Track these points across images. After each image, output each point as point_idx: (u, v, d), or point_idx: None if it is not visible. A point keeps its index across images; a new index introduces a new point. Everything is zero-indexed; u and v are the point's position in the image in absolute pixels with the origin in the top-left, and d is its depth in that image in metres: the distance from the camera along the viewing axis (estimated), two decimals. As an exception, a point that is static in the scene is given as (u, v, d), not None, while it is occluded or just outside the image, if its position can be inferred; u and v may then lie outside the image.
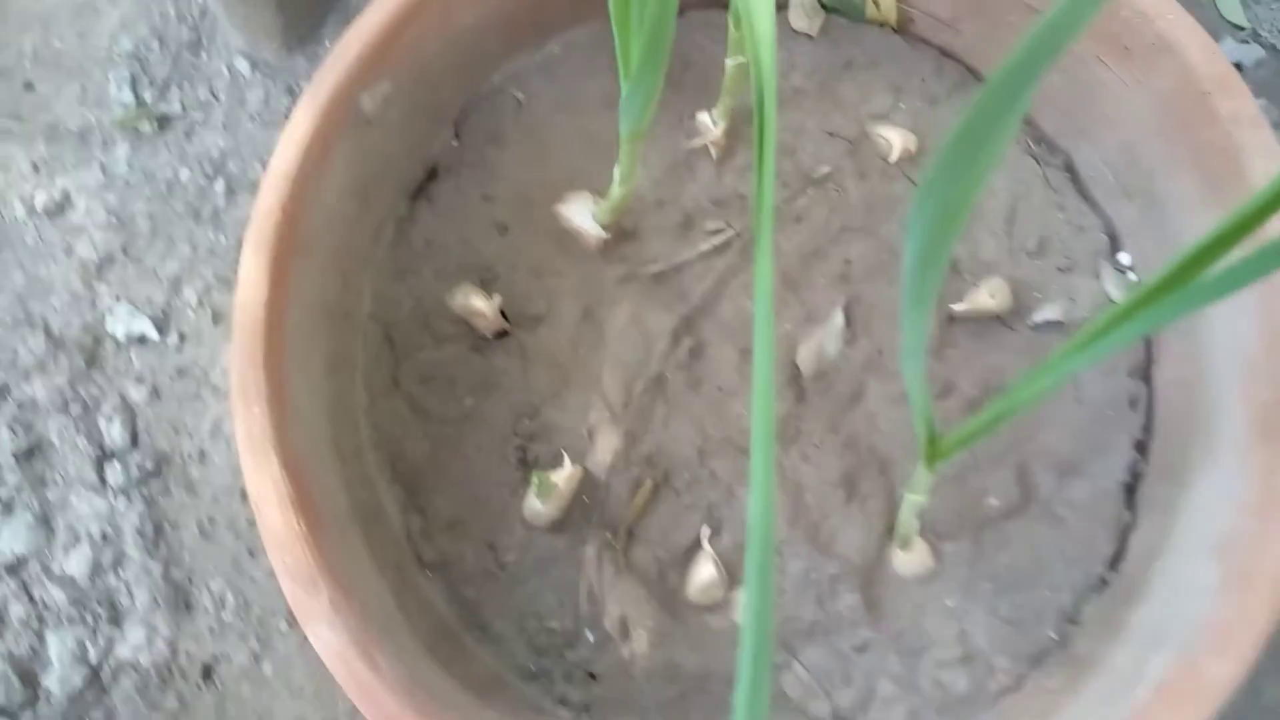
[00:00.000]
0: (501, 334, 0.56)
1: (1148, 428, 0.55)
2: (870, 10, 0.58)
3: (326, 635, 0.44)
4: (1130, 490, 0.55)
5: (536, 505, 0.53)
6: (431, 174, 0.58)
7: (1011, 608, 0.53)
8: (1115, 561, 0.54)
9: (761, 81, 0.37)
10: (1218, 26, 0.88)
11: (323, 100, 0.49)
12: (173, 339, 0.80)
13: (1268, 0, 0.86)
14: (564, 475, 0.52)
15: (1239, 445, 0.49)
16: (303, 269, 0.50)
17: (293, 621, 0.72)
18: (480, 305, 0.54)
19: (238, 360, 0.47)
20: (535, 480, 0.49)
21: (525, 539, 0.54)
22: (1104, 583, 0.53)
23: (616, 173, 0.49)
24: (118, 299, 0.81)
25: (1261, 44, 0.85)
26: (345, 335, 0.54)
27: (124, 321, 0.80)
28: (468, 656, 0.52)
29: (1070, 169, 0.59)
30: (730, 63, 0.51)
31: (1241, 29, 0.86)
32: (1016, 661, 0.52)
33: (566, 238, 0.57)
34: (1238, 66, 0.85)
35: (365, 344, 0.55)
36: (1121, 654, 0.48)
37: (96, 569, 0.74)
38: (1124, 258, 0.57)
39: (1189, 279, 0.27)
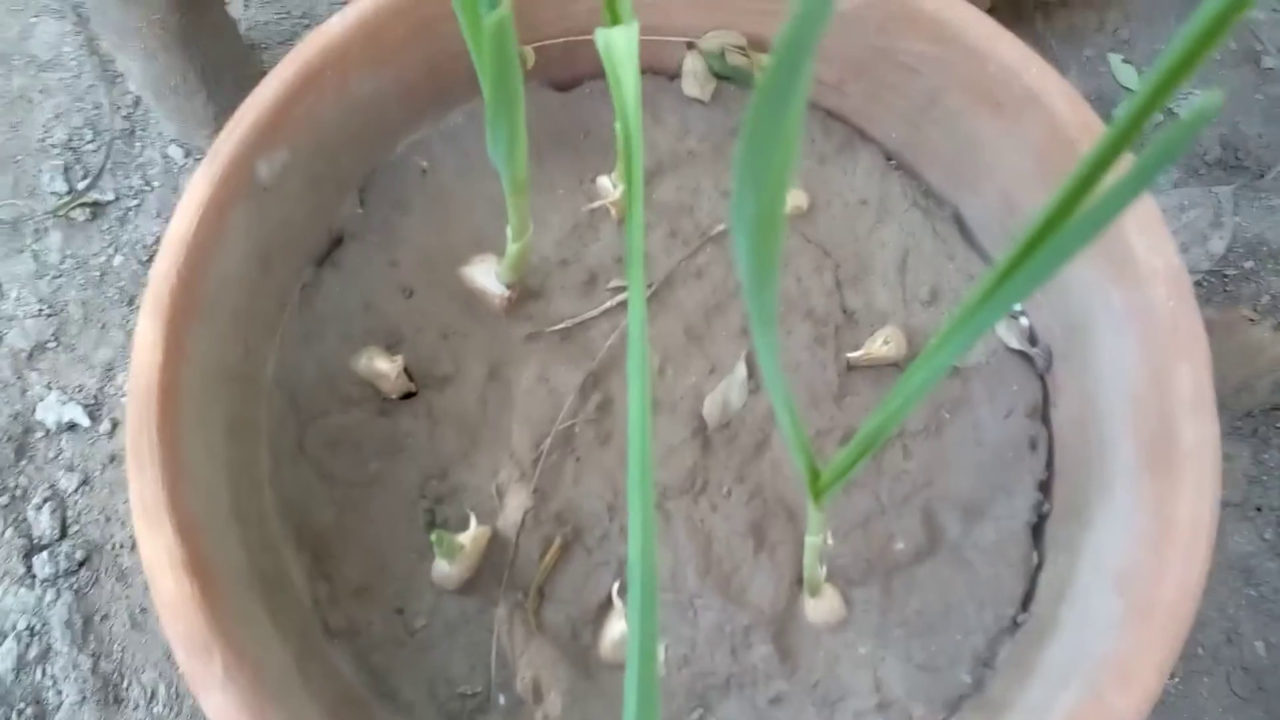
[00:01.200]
0: (408, 396, 0.56)
1: (1049, 467, 0.56)
2: (759, 77, 0.61)
3: (219, 701, 0.43)
4: (1036, 530, 0.55)
5: (445, 568, 0.52)
6: (337, 241, 0.59)
7: (925, 653, 0.53)
8: (1025, 602, 0.54)
9: (628, 126, 0.38)
10: (1114, 91, 0.92)
11: (218, 167, 0.50)
12: (104, 426, 0.80)
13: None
14: (470, 535, 0.52)
15: (1132, 479, 0.50)
16: (201, 333, 0.50)
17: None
18: (384, 367, 0.54)
19: (132, 425, 0.47)
20: (436, 539, 0.48)
21: (434, 603, 0.53)
22: (1015, 624, 0.54)
23: (509, 230, 0.50)
24: (49, 387, 0.80)
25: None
26: (248, 400, 0.54)
27: (54, 409, 0.79)
28: (374, 725, 0.51)
29: (958, 219, 0.61)
30: (619, 126, 0.53)
31: (1133, 91, 0.91)
32: (933, 708, 0.52)
33: (472, 299, 0.57)
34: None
35: (269, 409, 0.55)
36: (1034, 693, 0.48)
37: (22, 665, 0.72)
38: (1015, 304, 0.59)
39: (1035, 251, 0.29)
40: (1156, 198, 0.52)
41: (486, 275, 0.57)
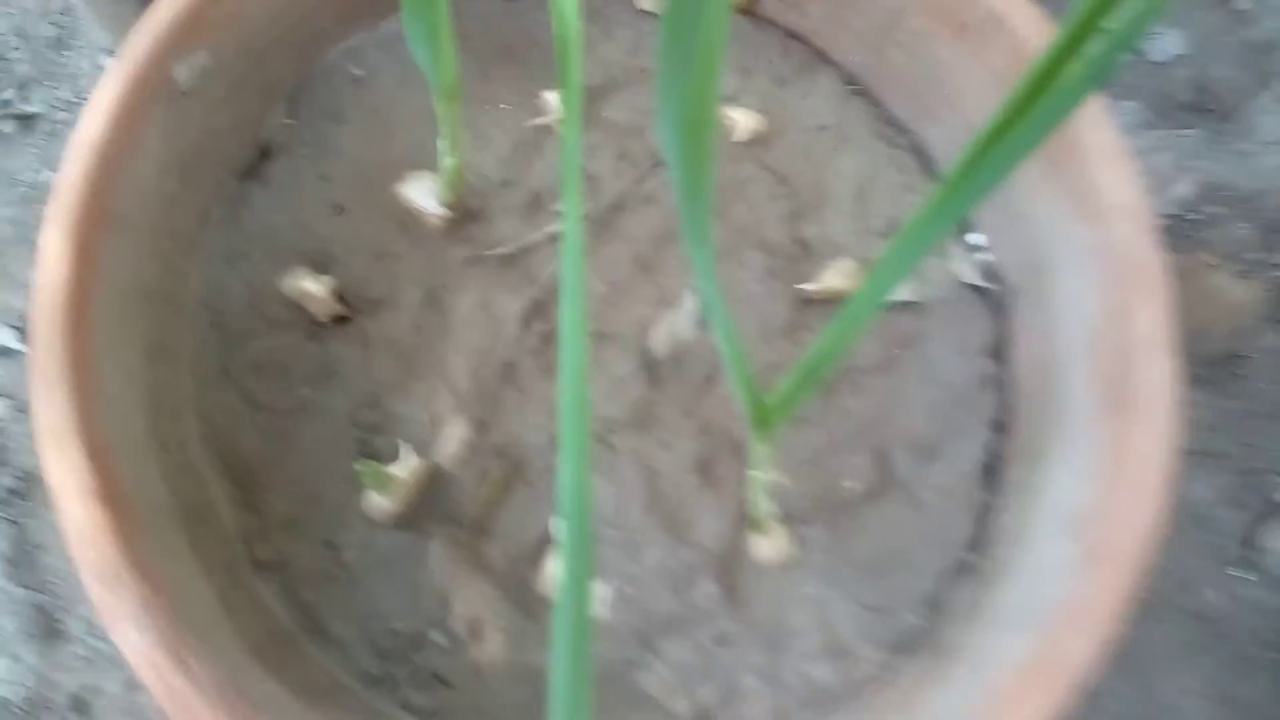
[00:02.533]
0: (339, 320, 0.53)
1: (1005, 407, 0.55)
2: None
3: (133, 637, 0.40)
4: (990, 471, 0.54)
5: (378, 500, 0.50)
6: (264, 153, 0.55)
7: (874, 594, 0.52)
8: (977, 544, 0.53)
9: (566, 31, 0.35)
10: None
11: (131, 67, 0.46)
12: (39, 349, 0.76)
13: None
14: (404, 467, 0.50)
15: (1088, 420, 0.48)
16: (114, 248, 0.47)
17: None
18: (313, 288, 0.51)
19: (37, 344, 0.43)
20: (361, 470, 0.45)
21: (367, 536, 0.51)
22: (966, 566, 0.52)
23: (442, 143, 0.47)
24: (-23, 308, 0.76)
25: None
26: (168, 321, 0.51)
27: (-16, 333, 0.75)
28: (304, 661, 0.48)
29: (919, 150, 0.59)
30: (555, 32, 0.50)
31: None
32: (881, 650, 0.51)
33: (408, 219, 0.54)
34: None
35: (192, 331, 0.52)
36: (985, 638, 0.47)
37: (-44, 597, 0.69)
38: (974, 238, 0.57)
39: (984, 158, 0.27)
40: (1124, 141, 0.50)
41: (423, 194, 0.53)
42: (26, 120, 0.82)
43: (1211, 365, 0.79)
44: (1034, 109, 0.28)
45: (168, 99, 0.48)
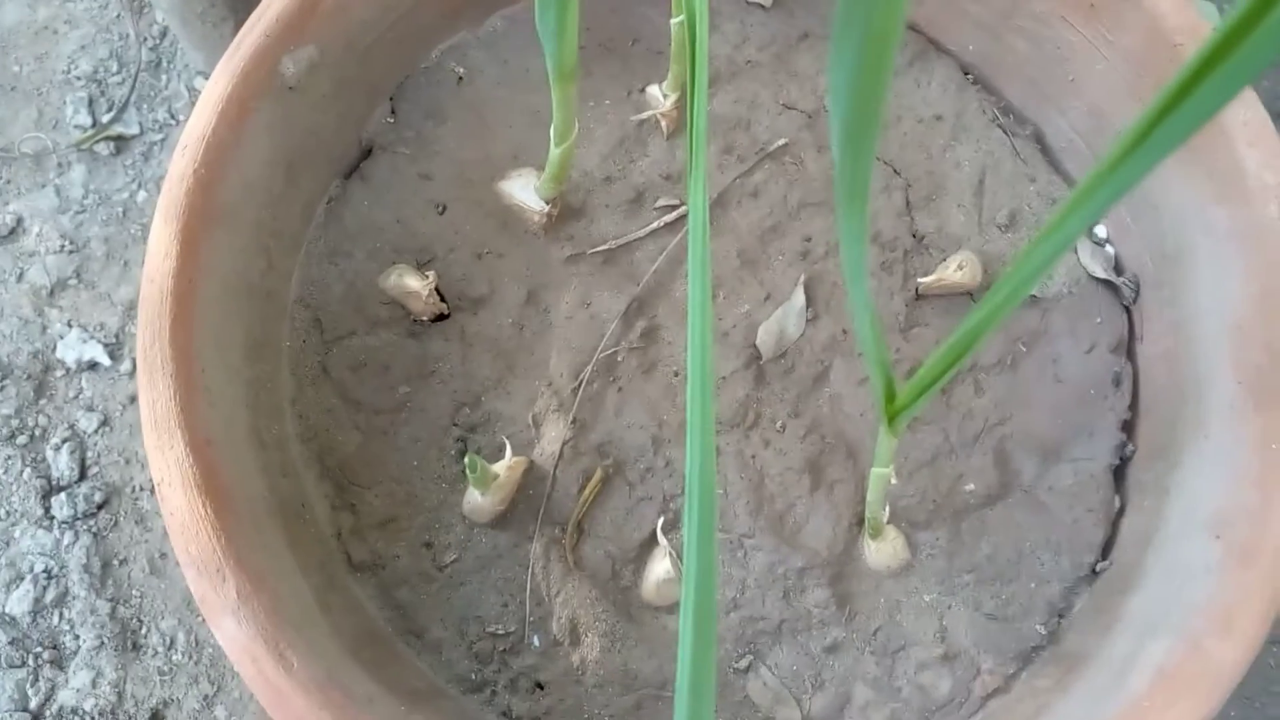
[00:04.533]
0: (439, 318, 0.52)
1: (1134, 406, 0.52)
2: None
3: (232, 629, 0.40)
4: (1118, 473, 0.51)
5: (477, 499, 0.49)
6: (367, 152, 0.55)
7: (995, 602, 0.49)
8: (1106, 549, 0.50)
9: (693, 13, 0.34)
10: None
11: (240, 61, 0.46)
12: (125, 366, 0.77)
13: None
14: (505, 465, 0.48)
15: (1232, 415, 0.45)
16: (219, 242, 0.46)
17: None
18: (414, 285, 0.50)
19: (144, 334, 0.43)
20: (469, 465, 0.44)
21: (465, 537, 0.49)
22: (1094, 572, 0.49)
23: (552, 131, 0.46)
24: (69, 325, 0.78)
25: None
26: (269, 317, 0.50)
27: (75, 348, 0.77)
28: (400, 663, 0.47)
29: (1039, 139, 0.56)
30: (673, 22, 0.49)
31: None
32: (1003, 660, 0.48)
33: (509, 216, 0.53)
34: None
35: (292, 328, 0.51)
36: (1116, 646, 0.44)
37: (39, 608, 0.70)
38: (1100, 230, 0.54)
39: (1128, 156, 0.24)
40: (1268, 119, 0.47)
41: (525, 190, 0.53)
42: (122, 142, 0.84)
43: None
44: (1185, 103, 0.26)
45: (275, 94, 0.48)
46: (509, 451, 0.49)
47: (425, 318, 0.52)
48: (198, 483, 0.42)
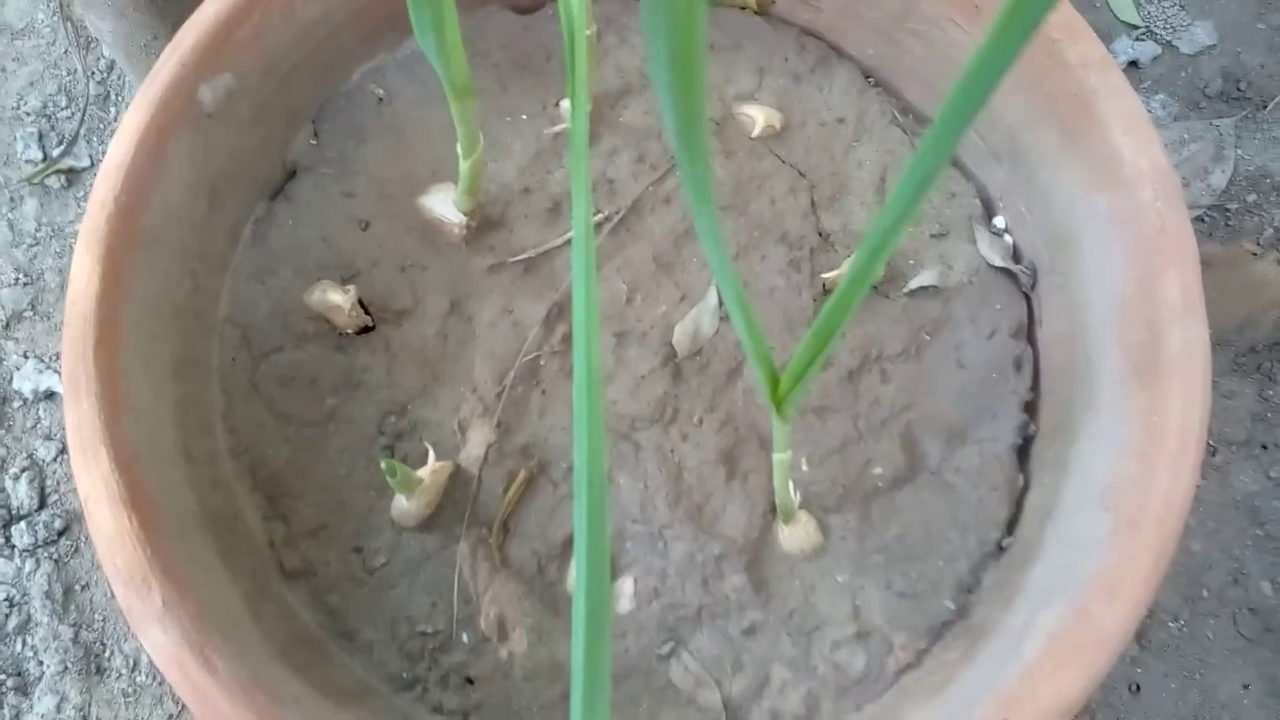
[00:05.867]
0: (365, 330, 0.54)
1: (1034, 387, 0.54)
2: (729, -5, 0.58)
3: (158, 637, 0.41)
4: (1022, 452, 0.53)
5: (404, 504, 0.50)
6: (290, 173, 0.57)
7: (906, 580, 0.50)
8: (1011, 525, 0.52)
9: (574, 36, 0.36)
10: (1113, 26, 0.89)
11: (157, 90, 0.48)
12: (82, 395, 0.78)
13: (1159, -1, 0.88)
14: (429, 469, 0.50)
15: (1119, 391, 0.47)
16: (142, 265, 0.48)
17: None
18: (338, 299, 0.52)
19: (67, 355, 0.45)
20: (388, 470, 0.46)
21: (394, 541, 0.51)
22: (1000, 547, 0.51)
23: (459, 146, 0.48)
24: (25, 355, 0.79)
25: (1156, 40, 0.87)
26: (197, 337, 0.52)
27: (31, 378, 0.78)
28: (332, 664, 0.49)
29: (938, 136, 0.59)
30: (564, 34, 0.51)
31: (1136, 27, 0.88)
32: (914, 635, 0.50)
33: (431, 230, 0.55)
34: (1134, 64, 0.86)
35: (221, 347, 0.53)
36: (1016, 616, 0.46)
37: (2, 636, 0.71)
38: (998, 221, 0.56)
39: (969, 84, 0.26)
40: (1155, 130, 0.49)
41: (445, 204, 0.54)
42: (73, 174, 0.86)
43: (1257, 354, 0.76)
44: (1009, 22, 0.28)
45: (194, 121, 0.50)
46: (432, 456, 0.50)
47: (350, 331, 0.54)
48: (123, 498, 0.43)
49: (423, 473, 0.50)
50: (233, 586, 0.47)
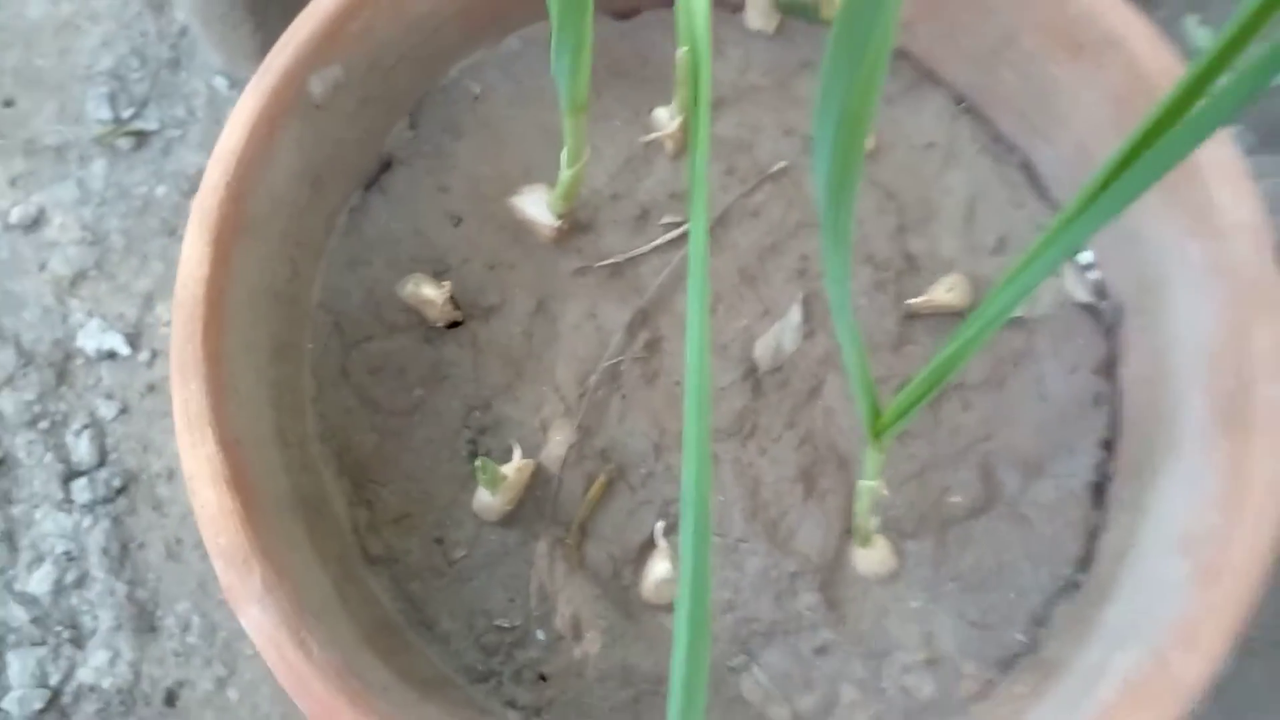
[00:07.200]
0: (453, 325, 0.55)
1: (1114, 426, 0.54)
2: (825, 11, 0.59)
3: (258, 616, 0.42)
4: (1098, 489, 0.53)
5: (486, 499, 0.51)
6: (386, 165, 0.57)
7: (978, 610, 0.51)
8: (1085, 562, 0.52)
9: (696, 41, 0.36)
10: (1192, 55, 0.89)
11: (270, 81, 0.49)
12: (144, 355, 0.79)
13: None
14: (514, 466, 0.51)
15: (1203, 439, 0.48)
16: (248, 250, 0.49)
17: (260, 648, 0.70)
18: (430, 293, 0.53)
19: (177, 337, 0.46)
20: (480, 466, 0.47)
21: (474, 534, 0.52)
22: (1074, 585, 0.52)
23: (564, 154, 0.48)
24: (90, 315, 0.80)
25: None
26: (293, 322, 0.53)
27: (95, 337, 0.79)
28: (411, 652, 0.50)
29: (1028, 168, 0.59)
30: (680, 51, 0.51)
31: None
32: (984, 666, 0.50)
33: (521, 230, 0.56)
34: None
35: (314, 332, 0.54)
36: (1091, 655, 0.47)
37: (60, 588, 0.72)
38: (1085, 256, 0.57)
39: (1106, 189, 0.27)
40: (1252, 182, 0.49)
41: (537, 205, 0.55)
42: (142, 137, 0.86)
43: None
44: (1160, 142, 0.28)
45: (303, 111, 0.51)
46: (517, 454, 0.51)
47: (440, 324, 0.55)
48: (227, 478, 0.44)
49: (507, 469, 0.51)
50: (322, 569, 0.48)
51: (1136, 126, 0.29)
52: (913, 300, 0.55)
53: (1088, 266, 0.57)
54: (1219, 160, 0.48)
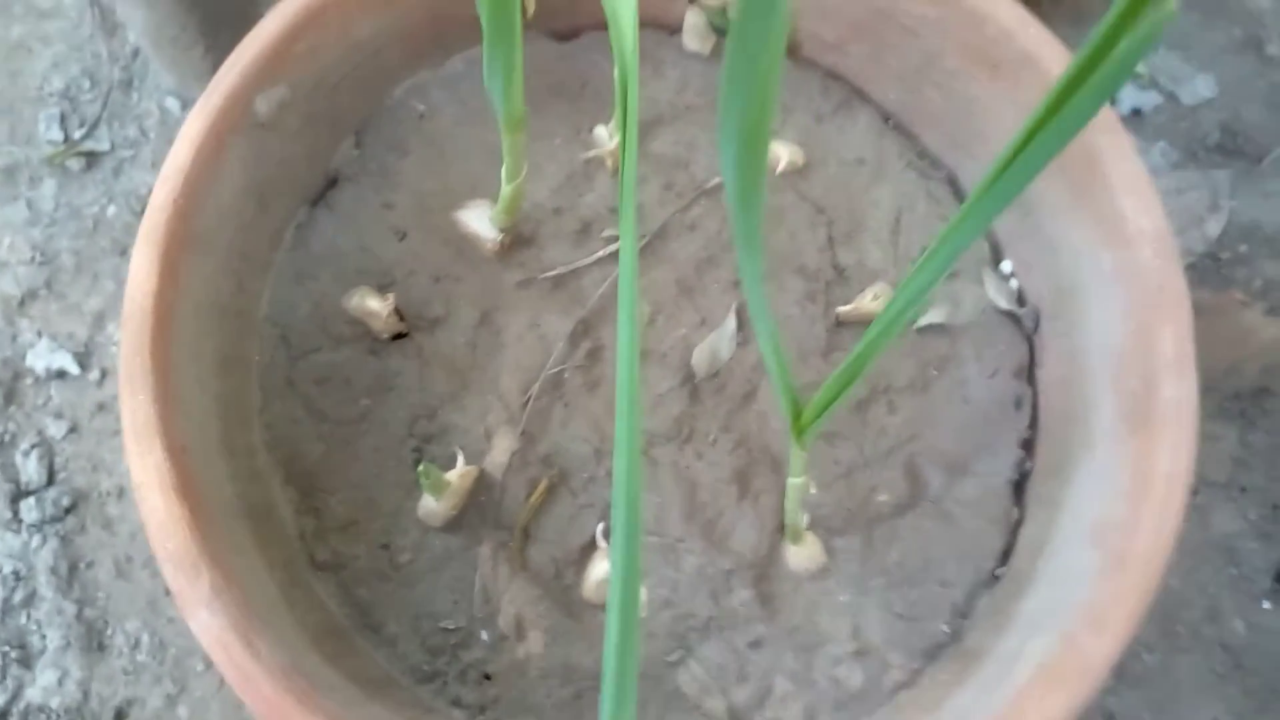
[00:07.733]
0: (399, 336, 0.56)
1: (1033, 426, 0.57)
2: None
3: (206, 619, 0.44)
4: (1018, 487, 0.56)
5: (431, 505, 0.53)
6: (333, 182, 0.59)
7: (904, 603, 0.53)
8: (1005, 556, 0.55)
9: (625, 61, 0.38)
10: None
11: (217, 101, 0.50)
12: (94, 374, 0.80)
13: (1163, 49, 0.91)
14: (457, 473, 0.52)
15: (1113, 437, 0.50)
16: (195, 265, 0.50)
17: (209, 663, 0.70)
18: (375, 306, 0.55)
19: (125, 349, 0.47)
20: (423, 472, 0.49)
21: (420, 539, 0.54)
22: (994, 577, 0.54)
23: (504, 170, 0.50)
24: (39, 334, 0.80)
25: (1159, 90, 0.90)
26: (240, 335, 0.54)
27: (45, 356, 0.79)
28: (358, 655, 0.51)
29: (953, 182, 0.62)
30: (616, 72, 0.53)
31: (1139, 76, 0.91)
32: (910, 656, 0.52)
33: (465, 244, 0.58)
34: (1137, 112, 0.90)
35: (261, 345, 0.55)
36: (1007, 643, 0.49)
37: (7, 608, 0.72)
38: (1006, 266, 0.60)
39: (1006, 170, 0.29)
40: (1154, 179, 0.52)
41: (480, 220, 0.57)
42: (93, 157, 0.87)
43: (1241, 400, 0.80)
44: (1051, 123, 0.31)
45: (249, 130, 0.52)
46: (461, 460, 0.53)
47: (385, 336, 0.56)
48: (175, 485, 0.45)
49: (451, 475, 0.52)
50: (269, 575, 0.49)
51: (1031, 114, 0.32)
52: (842, 309, 0.57)
53: (1009, 275, 0.59)
54: (1127, 173, 0.51)
